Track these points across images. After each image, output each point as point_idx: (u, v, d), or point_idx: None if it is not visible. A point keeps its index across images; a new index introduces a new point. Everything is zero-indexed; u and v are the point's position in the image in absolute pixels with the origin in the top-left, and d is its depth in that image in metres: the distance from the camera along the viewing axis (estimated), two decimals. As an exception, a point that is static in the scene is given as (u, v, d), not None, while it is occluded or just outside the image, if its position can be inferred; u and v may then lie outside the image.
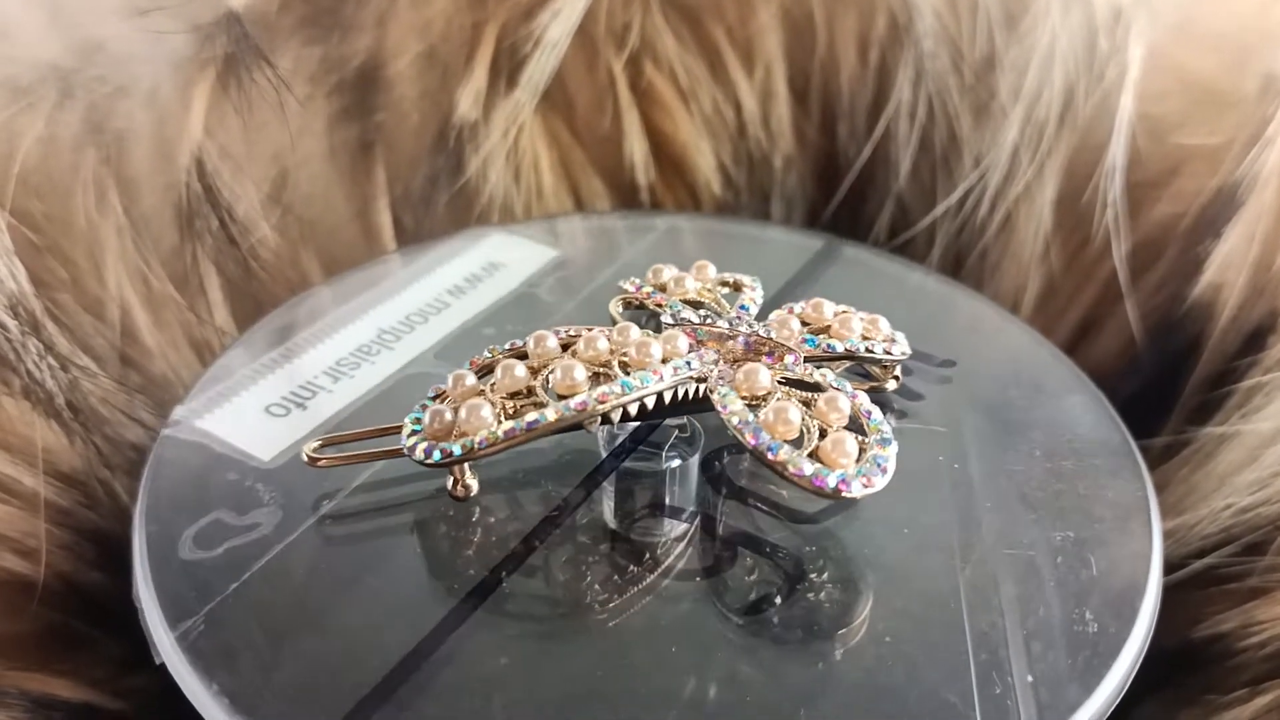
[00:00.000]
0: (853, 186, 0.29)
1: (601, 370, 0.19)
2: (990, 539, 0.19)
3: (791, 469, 0.17)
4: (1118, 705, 0.17)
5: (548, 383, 0.19)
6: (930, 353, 0.22)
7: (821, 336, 0.20)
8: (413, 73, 0.28)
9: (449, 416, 0.18)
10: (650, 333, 0.19)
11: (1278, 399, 0.22)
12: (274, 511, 0.19)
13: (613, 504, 0.19)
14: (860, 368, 0.21)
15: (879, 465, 0.17)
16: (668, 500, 0.19)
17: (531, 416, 0.18)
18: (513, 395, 0.18)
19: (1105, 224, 0.26)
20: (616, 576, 0.18)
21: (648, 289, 0.22)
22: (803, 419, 0.18)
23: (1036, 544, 0.19)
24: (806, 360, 0.20)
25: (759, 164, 0.30)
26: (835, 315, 0.21)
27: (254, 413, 0.21)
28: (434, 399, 0.19)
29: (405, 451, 0.18)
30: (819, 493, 0.17)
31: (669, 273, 0.23)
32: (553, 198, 0.29)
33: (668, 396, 0.19)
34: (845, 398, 0.18)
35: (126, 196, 0.25)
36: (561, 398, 0.18)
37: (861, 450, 0.18)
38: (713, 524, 0.19)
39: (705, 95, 0.29)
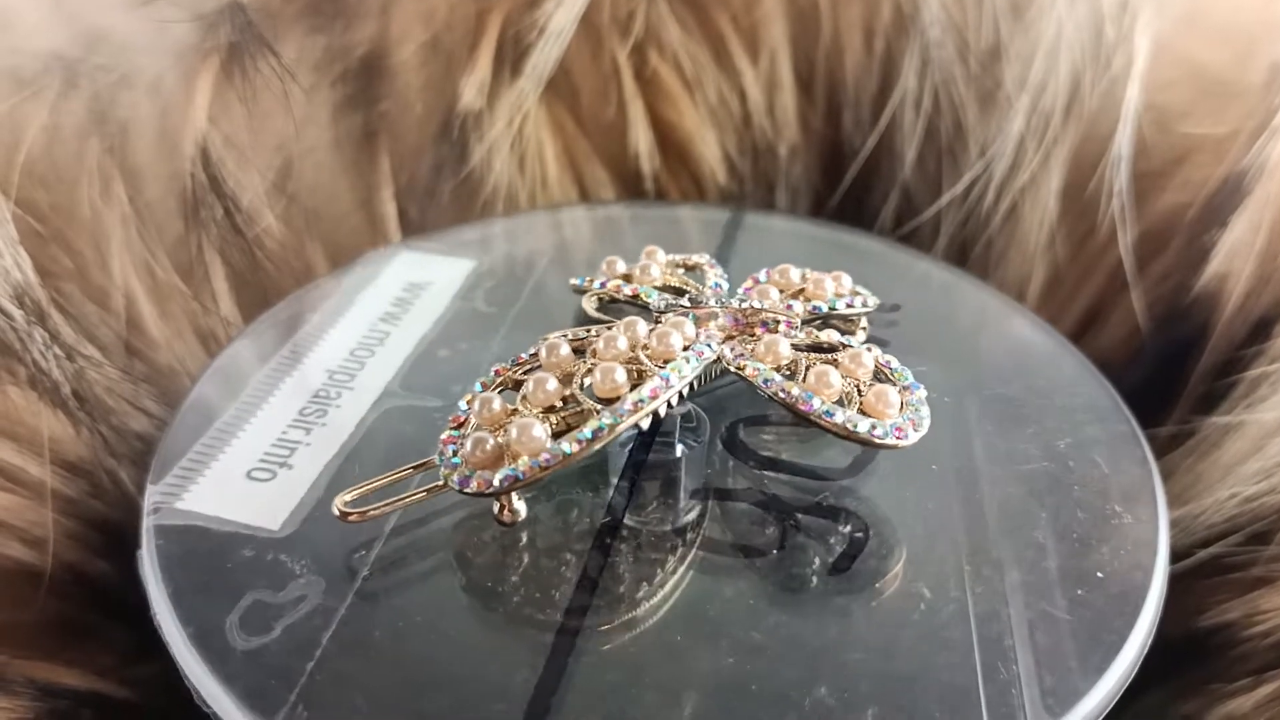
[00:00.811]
0: (858, 176, 0.29)
1: (632, 367, 0.19)
2: (995, 526, 0.19)
3: (851, 428, 0.18)
4: (1122, 694, 0.17)
5: (581, 387, 0.18)
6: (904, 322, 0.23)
7: (798, 300, 0.21)
8: (417, 62, 0.28)
9: (492, 442, 0.17)
10: (659, 323, 0.19)
11: (1283, 389, 0.22)
12: (313, 580, 0.18)
13: (625, 498, 0.19)
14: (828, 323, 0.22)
15: (918, 409, 0.19)
16: (686, 485, 0.19)
17: (593, 425, 0.17)
18: (549, 410, 0.18)
19: (1111, 214, 0.26)
20: (685, 567, 0.18)
21: (615, 282, 0.22)
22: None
23: (1042, 532, 0.19)
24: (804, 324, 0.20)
25: (764, 153, 0.30)
26: (804, 278, 0.22)
27: (237, 482, 0.19)
28: (458, 427, 0.18)
29: (454, 486, 0.17)
30: (878, 445, 0.18)
31: (624, 265, 0.23)
32: (557, 187, 0.29)
33: (696, 383, 0.19)
34: (866, 353, 0.19)
35: (131, 186, 0.25)
36: (604, 401, 0.18)
37: (902, 400, 0.18)
38: (732, 506, 0.19)
39: (710, 84, 0.29)
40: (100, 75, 0.25)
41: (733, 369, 0.19)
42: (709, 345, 0.19)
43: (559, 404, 0.18)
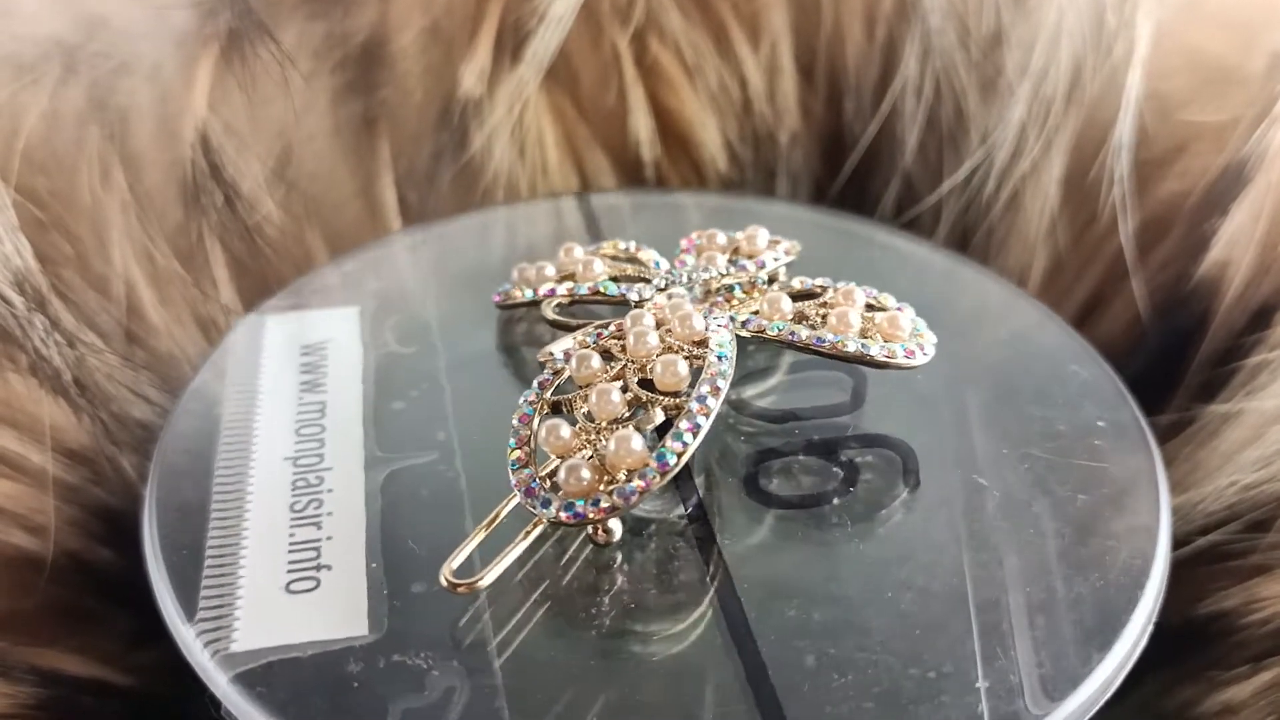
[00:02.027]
0: (859, 163, 0.29)
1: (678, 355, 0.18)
2: (995, 513, 0.19)
3: (888, 358, 0.19)
4: (1121, 680, 0.17)
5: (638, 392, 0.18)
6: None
7: (740, 259, 0.22)
8: (416, 48, 0.28)
9: (587, 471, 0.17)
10: (678, 305, 0.19)
11: (1283, 377, 0.22)
12: (446, 665, 0.16)
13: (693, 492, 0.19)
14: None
15: (916, 324, 0.20)
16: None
17: (687, 421, 0.17)
18: (615, 421, 0.18)
19: (1112, 201, 0.26)
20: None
21: (566, 285, 0.22)
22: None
23: (1042, 518, 0.19)
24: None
25: (765, 140, 0.30)
26: (734, 241, 0.22)
27: (283, 602, 0.17)
28: (521, 466, 0.17)
29: (569, 520, 0.17)
30: (907, 368, 0.19)
31: (551, 270, 0.22)
32: (557, 174, 0.29)
33: None
34: (856, 289, 0.20)
35: (131, 173, 0.25)
36: (666, 395, 0.18)
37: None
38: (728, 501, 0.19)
39: (711, 71, 0.29)
40: (100, 62, 0.25)
41: (751, 333, 0.19)
42: (719, 319, 0.19)
43: (626, 412, 0.18)
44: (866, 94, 0.29)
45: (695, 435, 0.17)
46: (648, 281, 0.21)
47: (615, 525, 0.18)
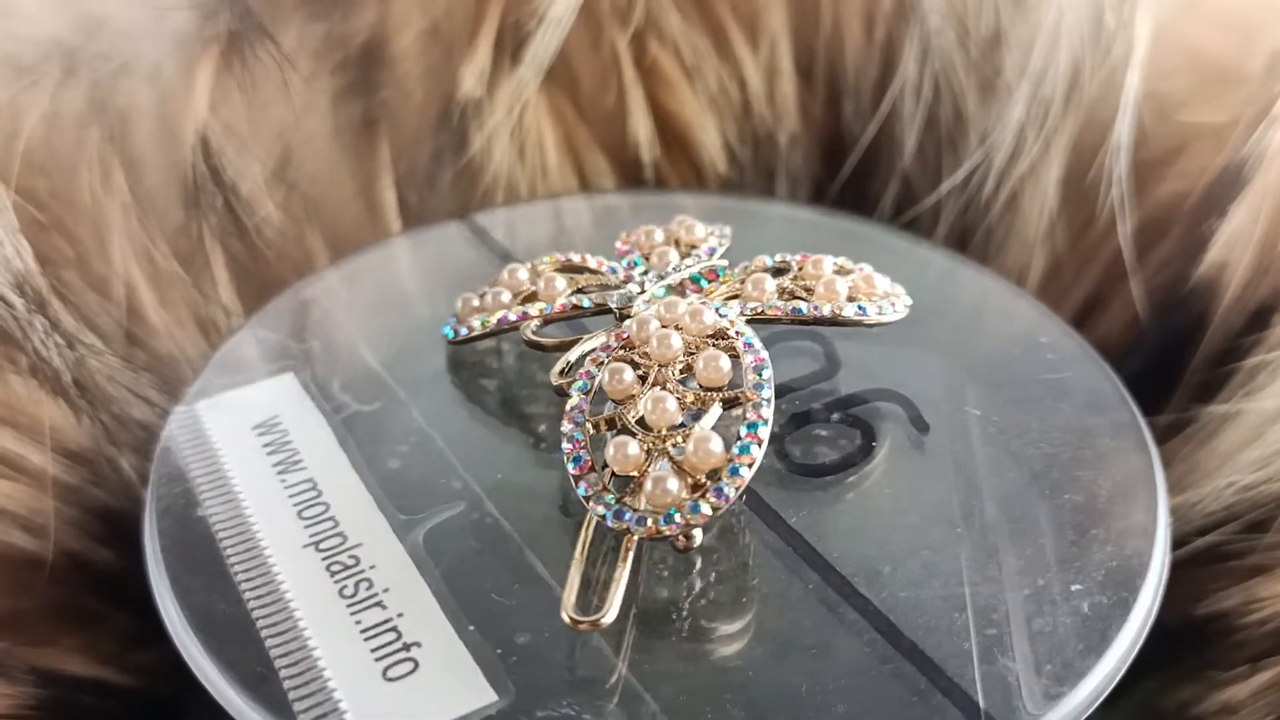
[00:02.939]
0: (858, 164, 0.29)
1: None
2: (994, 513, 0.19)
3: (879, 314, 0.20)
4: (1119, 681, 0.17)
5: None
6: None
7: (685, 249, 0.22)
8: (416, 50, 0.28)
9: (674, 481, 0.17)
10: (673, 304, 0.19)
11: (1281, 377, 0.22)
12: (601, 712, 0.16)
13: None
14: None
15: (889, 283, 0.21)
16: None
17: (754, 415, 0.17)
18: (674, 427, 0.17)
19: (1110, 202, 0.26)
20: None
21: (537, 307, 0.21)
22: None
23: (1041, 519, 0.19)
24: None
25: (764, 142, 0.30)
26: (671, 231, 0.22)
27: (389, 691, 0.16)
28: (597, 495, 0.17)
29: (671, 532, 0.17)
30: (897, 320, 0.20)
31: (506, 294, 0.21)
32: (557, 175, 0.29)
33: None
34: (825, 258, 0.21)
35: (131, 174, 0.25)
36: (709, 390, 0.18)
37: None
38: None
39: (710, 72, 0.29)
40: (100, 63, 0.25)
41: (753, 315, 0.20)
42: (718, 309, 0.19)
43: (681, 416, 0.18)
44: (865, 95, 0.29)
45: (767, 422, 0.17)
46: (616, 288, 0.21)
47: (697, 531, 0.17)
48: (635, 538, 0.17)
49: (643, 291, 0.20)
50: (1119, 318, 0.26)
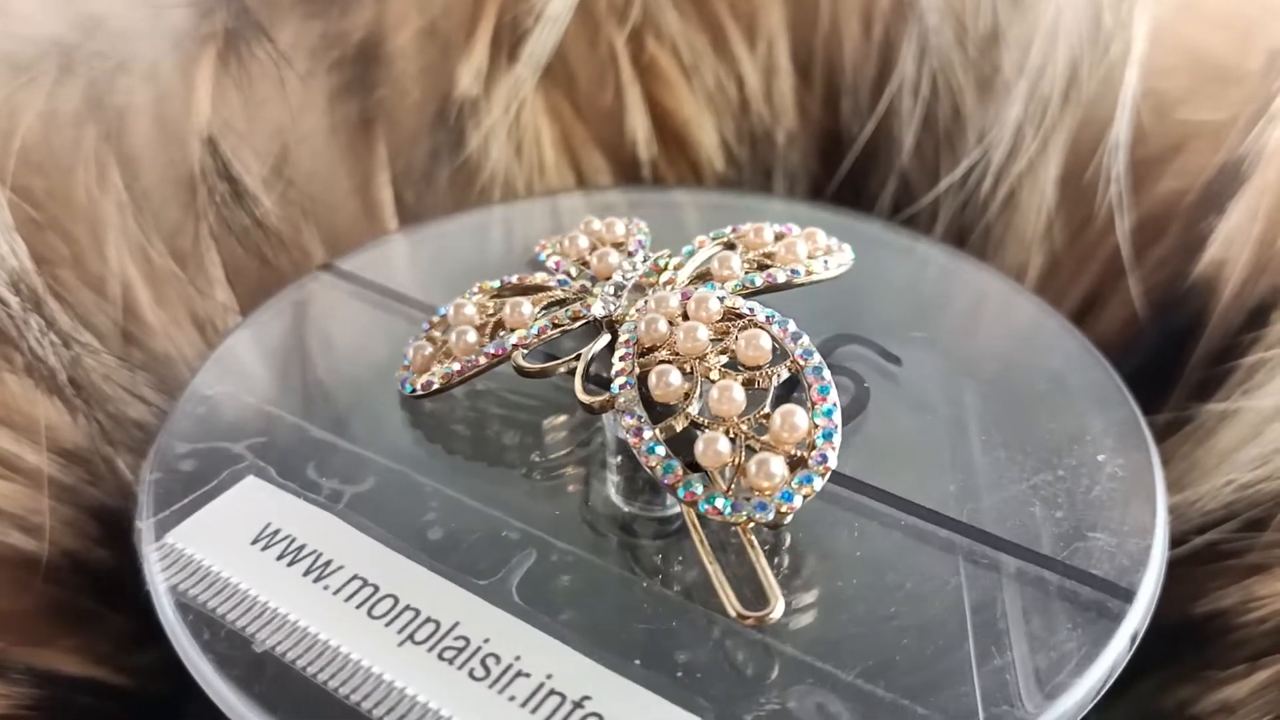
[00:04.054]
0: (856, 163, 0.29)
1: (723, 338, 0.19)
2: (992, 511, 0.19)
3: (841, 266, 0.21)
4: (1117, 680, 0.17)
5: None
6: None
7: (621, 248, 0.22)
8: (413, 48, 0.28)
9: (779, 463, 0.17)
10: (664, 299, 0.19)
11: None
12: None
13: (618, 478, 0.19)
14: None
15: (825, 234, 0.21)
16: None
17: (823, 402, 0.17)
18: (743, 414, 0.17)
19: (1109, 200, 0.26)
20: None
21: (517, 334, 0.20)
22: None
23: (1039, 516, 0.19)
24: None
25: (761, 140, 0.30)
26: (594, 233, 0.22)
27: None
28: (706, 499, 0.17)
29: (790, 510, 0.17)
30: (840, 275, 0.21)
31: (471, 332, 0.20)
32: (554, 173, 0.29)
33: None
34: (766, 227, 0.21)
35: (128, 172, 0.25)
36: (751, 369, 0.18)
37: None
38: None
39: (708, 70, 0.29)
40: (97, 61, 0.25)
41: (743, 291, 0.20)
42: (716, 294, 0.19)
43: (739, 420, 0.17)
44: (863, 93, 0.29)
45: (830, 383, 0.18)
46: (577, 299, 0.20)
47: None
48: (751, 525, 0.17)
49: (617, 296, 0.20)
50: (1117, 316, 0.26)
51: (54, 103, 0.24)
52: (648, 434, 0.17)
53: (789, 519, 0.17)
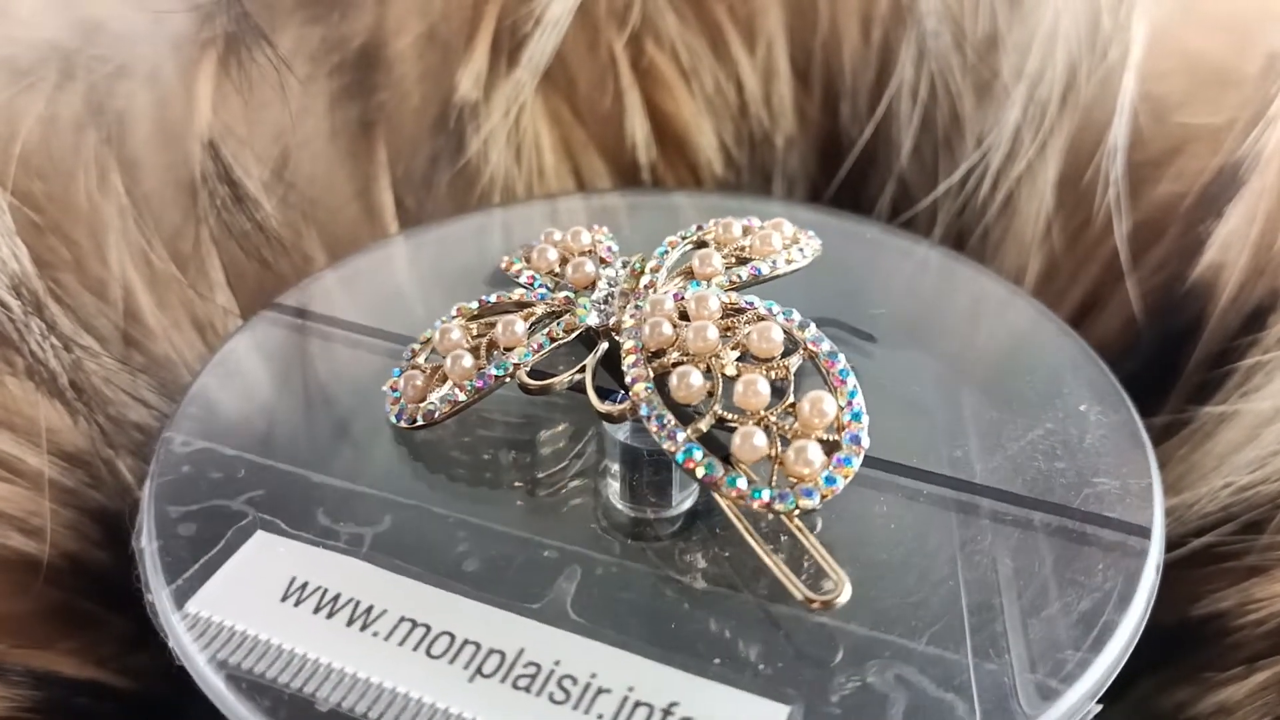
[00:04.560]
0: (854, 166, 0.29)
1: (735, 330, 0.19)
2: (989, 514, 0.19)
3: (814, 253, 0.21)
4: (1115, 682, 0.17)
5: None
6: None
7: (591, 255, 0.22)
8: (414, 52, 0.28)
9: (815, 449, 0.17)
10: (660, 301, 0.19)
11: (1277, 378, 0.22)
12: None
13: (624, 483, 0.19)
14: None
15: (808, 235, 0.22)
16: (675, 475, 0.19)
17: (834, 367, 0.18)
18: (769, 407, 0.18)
19: (1107, 203, 0.26)
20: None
21: (515, 356, 0.20)
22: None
23: (1036, 519, 0.19)
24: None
25: (761, 143, 0.30)
26: (563, 244, 0.22)
27: None
28: (753, 492, 0.17)
29: (834, 494, 0.17)
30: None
31: (467, 357, 0.20)
32: (554, 177, 0.29)
33: None
34: (734, 222, 0.22)
35: (128, 177, 0.25)
36: (763, 360, 0.18)
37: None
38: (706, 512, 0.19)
39: (707, 74, 0.29)
40: (97, 66, 0.25)
41: (733, 285, 0.20)
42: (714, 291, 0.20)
43: (766, 413, 0.18)
44: (862, 97, 0.29)
45: (847, 366, 0.18)
46: (564, 312, 0.20)
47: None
48: (796, 511, 0.17)
49: (606, 304, 0.20)
50: (1115, 319, 0.26)
51: (55, 107, 0.25)
52: (682, 436, 0.18)
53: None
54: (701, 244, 0.21)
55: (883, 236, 0.26)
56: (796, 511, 0.17)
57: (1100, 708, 0.17)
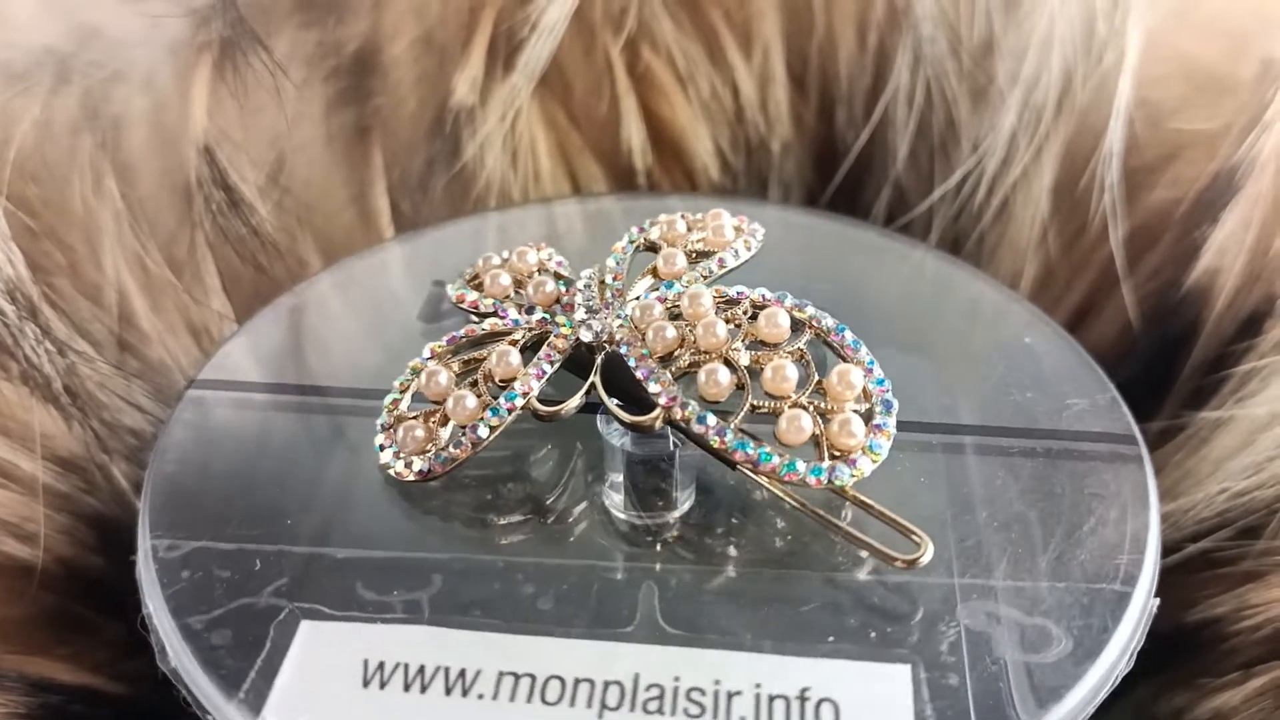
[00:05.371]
0: (850, 171, 0.29)
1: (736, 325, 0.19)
2: (984, 518, 0.19)
3: (759, 239, 0.21)
4: (1112, 687, 0.17)
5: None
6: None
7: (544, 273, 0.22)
8: (410, 57, 0.28)
9: (858, 421, 0.18)
10: (649, 306, 0.19)
11: (1273, 384, 0.23)
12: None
13: (629, 492, 0.19)
14: None
15: (748, 221, 0.22)
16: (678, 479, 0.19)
17: (845, 340, 0.19)
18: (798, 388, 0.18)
19: (1102, 209, 0.26)
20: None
21: (524, 382, 0.19)
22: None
23: (1033, 524, 0.19)
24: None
25: (757, 149, 0.30)
26: (512, 267, 0.22)
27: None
28: (805, 470, 0.18)
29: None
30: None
31: (471, 398, 0.19)
32: (550, 182, 0.29)
33: None
34: (672, 216, 0.22)
35: (123, 181, 0.25)
36: (772, 346, 0.19)
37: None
38: (713, 509, 0.19)
39: (703, 79, 0.29)
40: (92, 70, 0.25)
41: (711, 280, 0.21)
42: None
43: (798, 395, 0.18)
44: (858, 102, 0.29)
45: (856, 336, 0.19)
46: (541, 337, 0.20)
47: None
48: (852, 482, 0.17)
49: (586, 321, 0.20)
50: (1111, 324, 0.26)
51: (50, 111, 0.25)
52: (730, 433, 0.18)
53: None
54: (651, 247, 0.21)
55: (879, 240, 0.26)
56: (852, 482, 0.17)
57: (1158, 602, 0.18)
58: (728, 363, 0.18)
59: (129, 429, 0.24)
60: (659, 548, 0.19)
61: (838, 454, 0.18)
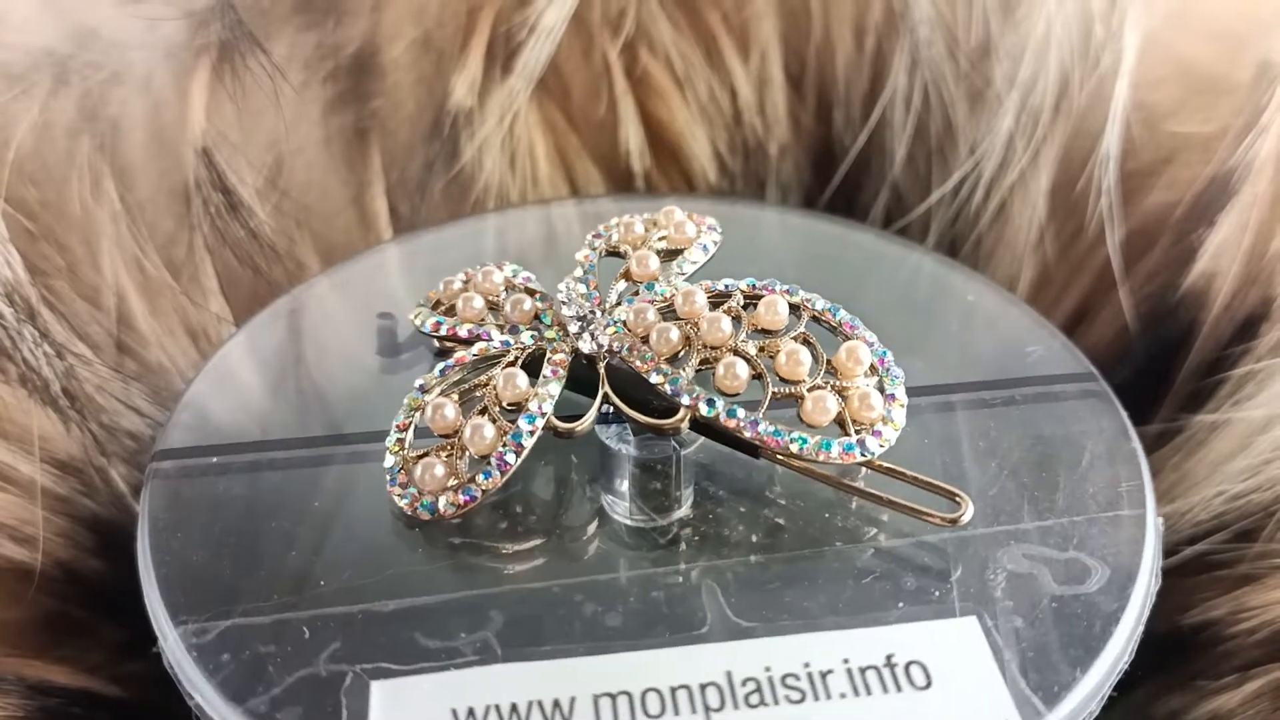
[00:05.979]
0: (848, 174, 0.29)
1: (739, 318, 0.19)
2: (982, 520, 0.19)
3: (720, 231, 0.22)
4: (1109, 690, 0.17)
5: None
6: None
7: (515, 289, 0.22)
8: (408, 59, 0.28)
9: (877, 397, 0.18)
10: (642, 309, 0.19)
11: (1270, 387, 0.23)
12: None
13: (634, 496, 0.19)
14: None
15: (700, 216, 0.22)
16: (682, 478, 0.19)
17: (849, 317, 0.19)
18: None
19: (1099, 212, 0.26)
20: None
21: (537, 402, 0.19)
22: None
23: (1030, 527, 0.19)
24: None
25: (754, 151, 0.30)
26: (478, 286, 0.22)
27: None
28: (841, 448, 0.18)
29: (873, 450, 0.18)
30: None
31: (489, 428, 0.19)
32: (548, 185, 0.29)
33: None
34: (630, 218, 0.22)
35: (122, 183, 0.25)
36: (773, 333, 0.19)
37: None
38: (717, 502, 0.20)
39: (701, 82, 0.29)
40: (91, 72, 0.25)
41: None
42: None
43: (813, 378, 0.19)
44: (855, 105, 0.29)
45: (856, 319, 0.19)
46: (538, 354, 0.20)
47: None
48: (881, 451, 0.18)
49: (580, 334, 0.20)
50: (1108, 327, 0.26)
51: (48, 113, 0.25)
52: (763, 424, 0.18)
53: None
54: (614, 251, 0.21)
55: (876, 243, 0.26)
56: (881, 452, 0.18)
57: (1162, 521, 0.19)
58: (739, 354, 0.19)
59: (127, 431, 0.24)
60: (683, 547, 0.19)
61: (861, 427, 0.18)
